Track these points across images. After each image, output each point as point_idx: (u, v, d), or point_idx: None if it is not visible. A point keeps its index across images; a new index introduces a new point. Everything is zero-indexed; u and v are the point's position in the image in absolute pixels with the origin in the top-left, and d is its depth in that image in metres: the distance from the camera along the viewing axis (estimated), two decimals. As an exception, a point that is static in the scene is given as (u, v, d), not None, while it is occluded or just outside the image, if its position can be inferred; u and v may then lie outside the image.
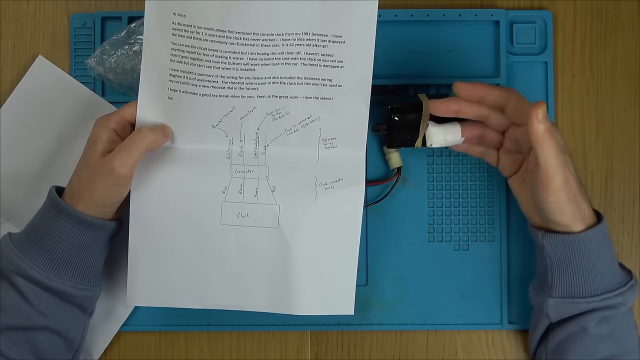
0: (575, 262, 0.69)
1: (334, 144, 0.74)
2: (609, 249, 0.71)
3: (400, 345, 0.80)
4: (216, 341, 0.80)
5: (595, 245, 0.69)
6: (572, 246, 0.69)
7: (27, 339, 0.69)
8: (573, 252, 0.69)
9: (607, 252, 0.70)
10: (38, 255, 0.69)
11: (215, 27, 0.70)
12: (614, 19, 0.81)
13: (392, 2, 0.81)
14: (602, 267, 0.69)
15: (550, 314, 0.72)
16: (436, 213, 0.80)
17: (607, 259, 0.70)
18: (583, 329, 0.70)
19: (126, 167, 0.68)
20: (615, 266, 0.71)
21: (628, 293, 0.70)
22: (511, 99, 0.69)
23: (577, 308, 0.70)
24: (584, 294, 0.70)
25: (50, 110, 0.80)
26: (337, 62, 0.71)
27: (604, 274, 0.70)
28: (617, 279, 0.70)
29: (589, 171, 0.80)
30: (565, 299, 0.70)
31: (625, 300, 0.70)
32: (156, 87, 0.71)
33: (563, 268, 0.70)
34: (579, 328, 0.71)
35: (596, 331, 0.70)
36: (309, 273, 0.73)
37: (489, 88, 0.70)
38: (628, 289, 0.70)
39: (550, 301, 0.71)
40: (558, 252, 0.70)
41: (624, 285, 0.70)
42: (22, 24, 0.82)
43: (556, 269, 0.71)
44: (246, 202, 0.73)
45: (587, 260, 0.69)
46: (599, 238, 0.69)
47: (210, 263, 0.73)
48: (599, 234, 0.69)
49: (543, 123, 0.64)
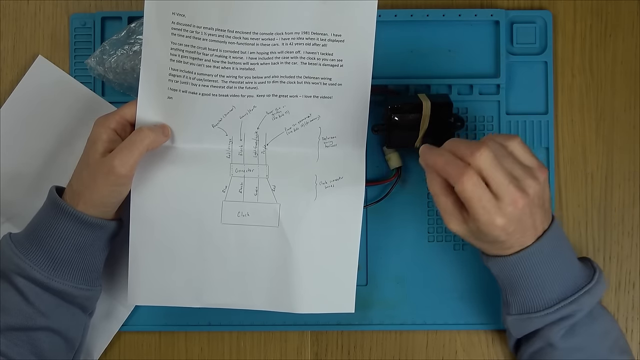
0: (522, 279, 0.68)
1: (334, 143, 0.74)
2: (557, 258, 0.69)
3: (400, 345, 0.80)
4: (216, 341, 0.80)
5: (538, 259, 0.67)
6: (513, 266, 0.68)
7: (28, 339, 0.69)
8: (516, 270, 0.68)
9: (555, 262, 0.68)
10: (38, 255, 0.69)
11: (215, 27, 0.70)
12: (614, 19, 0.81)
13: (392, 2, 0.81)
14: (551, 278, 0.68)
15: (512, 331, 0.72)
16: (436, 213, 0.80)
17: (555, 269, 0.68)
18: (550, 344, 0.70)
19: (126, 166, 0.68)
20: (569, 271, 0.69)
21: (582, 298, 0.68)
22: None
23: (534, 323, 0.69)
24: (537, 308, 0.68)
25: (50, 110, 0.80)
26: (336, 61, 0.71)
27: (554, 284, 0.68)
28: (572, 285, 0.69)
29: (589, 171, 0.80)
30: (522, 315, 0.70)
31: (580, 306, 0.68)
32: (156, 86, 0.71)
33: (512, 287, 0.69)
34: (545, 343, 0.70)
35: (563, 345, 0.69)
36: (309, 271, 0.73)
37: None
38: (583, 294, 0.68)
39: (509, 319, 0.71)
40: (504, 273, 0.69)
41: (578, 291, 0.68)
42: (22, 24, 0.82)
43: (507, 288, 0.70)
44: (246, 201, 0.73)
45: (532, 276, 0.68)
46: (543, 251, 0.67)
47: (210, 262, 0.73)
48: (541, 248, 0.67)
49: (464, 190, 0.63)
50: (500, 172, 0.63)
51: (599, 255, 0.80)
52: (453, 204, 0.66)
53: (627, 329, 0.79)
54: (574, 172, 0.80)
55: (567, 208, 0.80)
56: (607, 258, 0.80)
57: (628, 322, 0.80)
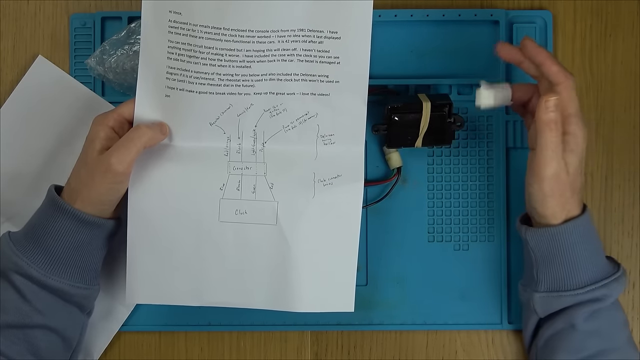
0: (558, 255, 0.69)
1: (332, 140, 0.74)
2: (592, 241, 0.71)
3: (400, 345, 0.80)
4: (216, 341, 0.80)
5: (577, 237, 0.69)
6: (553, 239, 0.69)
7: (25, 337, 0.69)
8: (555, 245, 0.69)
9: (590, 244, 0.70)
10: (36, 253, 0.69)
11: (211, 25, 0.70)
12: (614, 19, 0.81)
13: (392, 2, 0.81)
14: (585, 259, 0.70)
15: (538, 309, 0.72)
16: (436, 213, 0.80)
17: (590, 251, 0.70)
18: (571, 325, 0.70)
19: (123, 164, 0.68)
20: (600, 258, 0.71)
21: (613, 285, 0.70)
22: (559, 85, 0.68)
23: (563, 301, 0.70)
24: (569, 287, 0.70)
25: (50, 110, 0.80)
26: (333, 58, 0.72)
27: (588, 265, 0.70)
28: (603, 271, 0.70)
29: (589, 171, 0.80)
30: (551, 292, 0.70)
31: (610, 292, 0.70)
32: (154, 85, 0.72)
33: (547, 262, 0.70)
34: (567, 324, 0.71)
35: (584, 327, 0.70)
36: (308, 270, 0.73)
37: (549, 62, 0.68)
38: (613, 281, 0.70)
39: (537, 296, 0.71)
40: (541, 246, 0.70)
41: (608, 277, 0.70)
42: (22, 24, 0.82)
43: (540, 263, 0.71)
44: (244, 199, 0.73)
45: (569, 253, 0.69)
46: (581, 230, 0.69)
47: (208, 260, 0.73)
48: (581, 225, 0.69)
49: (548, 113, 0.66)
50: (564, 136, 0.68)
51: (599, 255, 0.80)
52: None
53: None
54: (574, 172, 0.80)
55: (567, 208, 0.80)
56: (608, 258, 0.80)
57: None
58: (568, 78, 0.68)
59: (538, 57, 0.68)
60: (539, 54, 0.68)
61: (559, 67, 0.68)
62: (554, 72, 0.68)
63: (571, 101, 0.68)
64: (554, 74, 0.68)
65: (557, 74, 0.68)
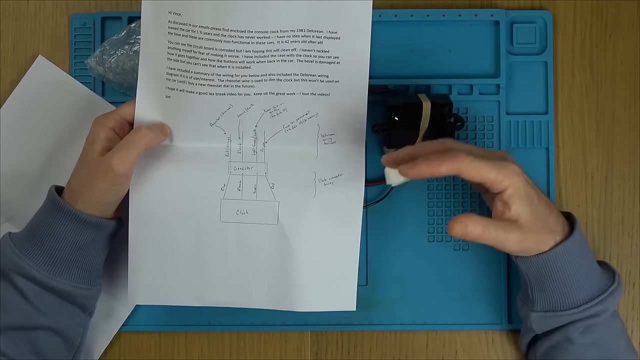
0: (551, 278, 0.68)
1: (332, 140, 0.74)
2: (584, 258, 0.69)
3: (400, 345, 0.80)
4: (216, 341, 0.80)
5: (567, 258, 0.68)
6: (544, 264, 0.68)
7: (27, 339, 0.69)
8: (546, 269, 0.68)
9: (583, 262, 0.69)
10: (38, 254, 0.69)
11: (210, 26, 0.70)
12: (614, 19, 0.81)
13: (392, 2, 0.81)
14: (578, 278, 0.69)
15: (535, 327, 0.72)
16: (436, 213, 0.80)
17: (583, 269, 0.69)
18: (568, 339, 0.70)
19: (124, 165, 0.68)
20: (594, 274, 0.70)
21: (608, 299, 0.69)
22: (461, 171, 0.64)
23: (559, 321, 0.70)
24: (564, 307, 0.69)
25: (50, 110, 0.80)
26: (333, 58, 0.72)
27: (582, 284, 0.69)
28: (597, 286, 0.70)
29: (589, 171, 0.80)
30: (547, 312, 0.70)
31: (606, 307, 0.69)
32: (154, 85, 0.72)
33: (540, 284, 0.70)
34: (563, 338, 0.70)
35: (581, 340, 0.69)
36: (309, 269, 0.73)
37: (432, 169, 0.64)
38: (608, 296, 0.69)
39: (533, 315, 0.71)
40: (533, 270, 0.69)
41: (603, 292, 0.69)
42: (22, 24, 0.82)
43: (534, 285, 0.70)
44: (245, 199, 0.73)
45: (562, 275, 0.68)
46: (571, 251, 0.68)
47: (210, 261, 0.73)
48: (570, 247, 0.68)
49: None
50: (479, 150, 0.66)
51: (599, 255, 0.80)
52: (495, 227, 0.65)
53: (627, 329, 0.79)
54: (574, 172, 0.80)
55: (567, 208, 0.80)
56: (607, 258, 0.80)
57: (628, 322, 0.79)
58: (456, 161, 0.63)
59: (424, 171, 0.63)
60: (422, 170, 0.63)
61: (448, 164, 0.63)
62: (446, 171, 0.64)
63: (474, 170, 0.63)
64: (450, 171, 0.63)
65: (450, 170, 0.63)
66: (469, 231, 0.63)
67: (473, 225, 0.63)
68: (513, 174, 0.64)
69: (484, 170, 0.63)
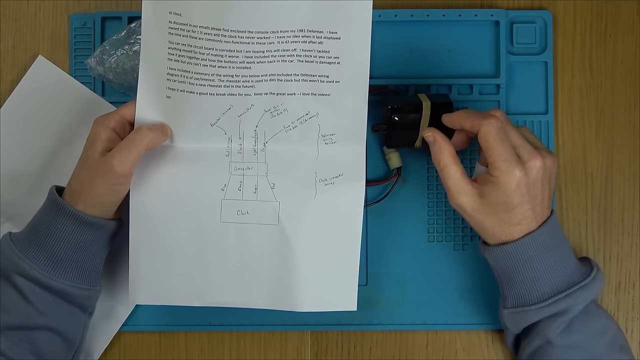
0: (517, 271, 0.68)
1: (333, 140, 0.74)
2: (555, 251, 0.69)
3: (400, 345, 0.80)
4: (216, 341, 0.80)
5: (534, 250, 0.68)
6: (510, 256, 0.68)
7: (27, 339, 0.69)
8: (512, 261, 0.68)
9: (551, 255, 0.68)
10: (38, 254, 0.69)
11: (211, 26, 0.70)
12: (614, 19, 0.81)
13: (392, 2, 0.81)
14: (545, 271, 0.68)
15: (508, 325, 0.72)
16: (436, 213, 0.80)
17: (552, 262, 0.68)
18: (548, 342, 0.69)
19: (125, 166, 0.68)
20: (565, 267, 0.69)
21: (578, 293, 0.68)
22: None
23: (529, 316, 0.69)
24: (531, 302, 0.69)
25: (50, 110, 0.80)
26: (333, 58, 0.72)
27: (550, 277, 0.68)
28: (567, 280, 0.69)
29: (589, 171, 0.80)
30: (517, 308, 0.70)
31: (575, 301, 0.68)
32: (154, 86, 0.72)
33: (508, 278, 0.69)
34: (544, 341, 0.70)
35: (561, 342, 0.69)
36: (310, 269, 0.73)
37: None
38: (578, 289, 0.68)
39: (505, 312, 0.71)
40: (500, 263, 0.69)
41: (573, 286, 0.68)
42: (22, 24, 0.82)
43: (504, 280, 0.70)
44: (246, 200, 0.73)
45: (527, 267, 0.68)
46: (538, 243, 0.68)
47: (211, 261, 0.73)
48: (538, 238, 0.67)
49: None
50: (517, 133, 0.67)
51: (599, 255, 0.80)
52: (462, 173, 0.68)
53: (627, 329, 0.79)
54: (574, 172, 0.80)
55: (567, 208, 0.80)
56: (607, 258, 0.80)
57: (628, 322, 0.79)
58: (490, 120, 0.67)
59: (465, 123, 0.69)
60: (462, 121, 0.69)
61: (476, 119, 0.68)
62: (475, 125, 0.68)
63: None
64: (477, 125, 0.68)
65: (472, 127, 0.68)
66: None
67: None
68: (524, 173, 0.66)
69: (496, 145, 0.66)
